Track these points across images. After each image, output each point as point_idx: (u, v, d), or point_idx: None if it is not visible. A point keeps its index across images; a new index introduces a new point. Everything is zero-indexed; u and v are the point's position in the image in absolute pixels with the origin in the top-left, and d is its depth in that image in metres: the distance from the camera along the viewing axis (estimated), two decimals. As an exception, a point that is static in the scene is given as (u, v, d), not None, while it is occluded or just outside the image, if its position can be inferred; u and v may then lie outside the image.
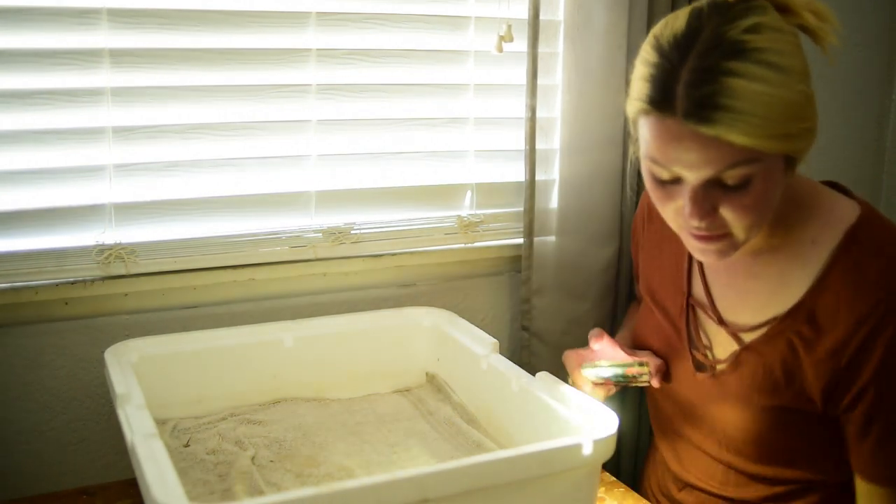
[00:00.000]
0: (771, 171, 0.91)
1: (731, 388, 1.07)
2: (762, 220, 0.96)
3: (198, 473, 1.02)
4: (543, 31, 1.37)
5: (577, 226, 1.45)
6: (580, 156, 1.43)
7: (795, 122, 0.89)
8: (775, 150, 0.89)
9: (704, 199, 0.92)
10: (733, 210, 0.92)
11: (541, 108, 1.40)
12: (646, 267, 1.23)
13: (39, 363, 1.20)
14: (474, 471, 0.85)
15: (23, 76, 1.13)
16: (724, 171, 0.89)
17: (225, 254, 1.27)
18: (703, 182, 0.91)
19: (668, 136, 0.90)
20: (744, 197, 0.91)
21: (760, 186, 0.91)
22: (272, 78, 1.27)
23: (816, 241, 1.01)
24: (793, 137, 0.90)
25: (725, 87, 0.85)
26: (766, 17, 0.90)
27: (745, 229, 0.95)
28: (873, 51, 1.80)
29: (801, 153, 0.94)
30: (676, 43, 0.90)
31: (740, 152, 0.88)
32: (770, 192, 0.93)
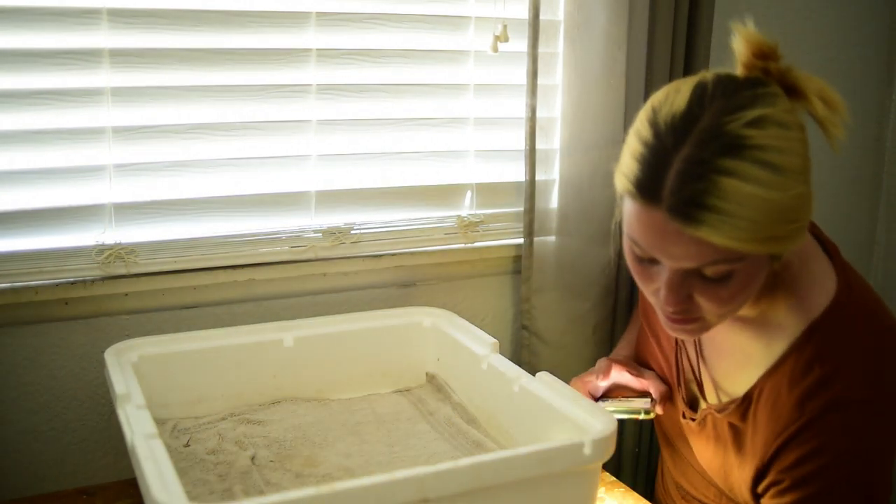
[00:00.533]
0: (754, 267, 0.88)
1: (703, 442, 1.08)
2: (738, 309, 0.93)
3: (198, 473, 1.02)
4: (543, 31, 1.37)
5: (578, 226, 1.45)
6: (580, 156, 1.43)
7: (785, 225, 0.85)
8: (760, 251, 0.86)
9: (681, 287, 0.88)
10: (709, 300, 0.89)
11: (541, 108, 1.40)
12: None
13: (39, 363, 1.20)
14: (474, 471, 0.85)
15: (23, 76, 1.13)
16: (703, 266, 0.86)
17: (225, 254, 1.27)
18: (681, 272, 0.88)
19: (651, 225, 0.86)
20: (721, 290, 0.88)
21: (741, 281, 0.88)
22: (272, 78, 1.27)
23: (783, 326, 0.98)
24: (780, 239, 0.86)
25: (716, 187, 0.81)
26: (774, 110, 0.85)
27: (718, 317, 0.92)
28: (873, 51, 1.80)
29: (788, 250, 0.90)
30: (674, 126, 0.84)
31: (723, 252, 0.84)
32: (750, 286, 0.90)
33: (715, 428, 1.06)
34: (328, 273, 1.36)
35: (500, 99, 1.44)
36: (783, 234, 0.85)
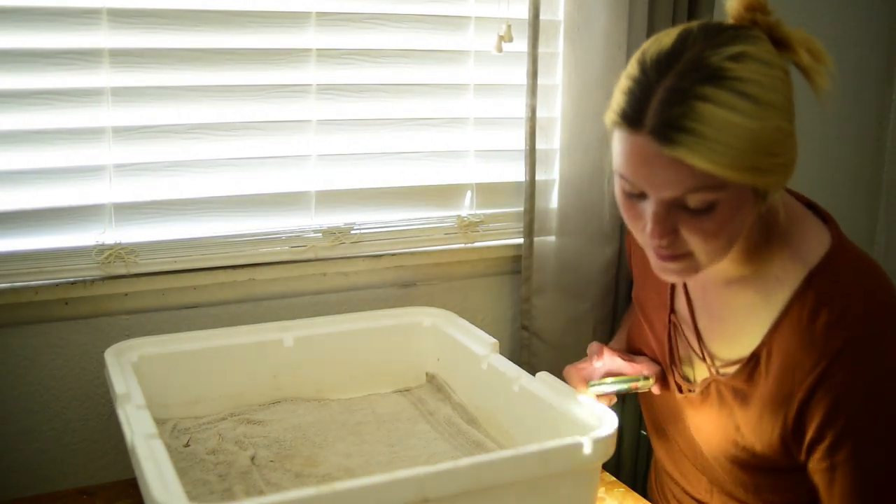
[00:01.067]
0: (737, 200, 0.89)
1: (704, 414, 1.07)
2: (726, 247, 0.94)
3: (198, 473, 1.02)
4: (543, 31, 1.37)
5: (577, 226, 1.45)
6: (580, 156, 1.43)
7: (766, 157, 0.86)
8: (740, 180, 0.87)
9: (666, 219, 0.90)
10: (694, 234, 0.91)
11: (541, 108, 1.40)
12: (637, 277, 1.23)
13: (39, 363, 1.20)
14: (474, 471, 0.85)
15: (23, 76, 1.13)
16: (685, 194, 0.88)
17: (225, 254, 1.27)
18: (665, 202, 0.89)
19: (635, 152, 0.89)
20: (706, 222, 0.89)
21: (724, 214, 0.89)
22: (272, 78, 1.27)
23: (780, 278, 1.00)
24: (762, 171, 0.87)
25: (694, 111, 0.83)
26: (755, 48, 0.88)
27: (706, 253, 0.93)
28: (873, 51, 1.80)
29: (771, 187, 0.91)
30: (658, 61, 0.89)
31: (703, 177, 0.86)
32: (735, 221, 0.91)
33: (719, 395, 1.05)
34: (328, 273, 1.36)
35: (500, 99, 1.44)
36: (764, 167, 0.87)
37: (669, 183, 0.87)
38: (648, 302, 1.17)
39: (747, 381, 1.02)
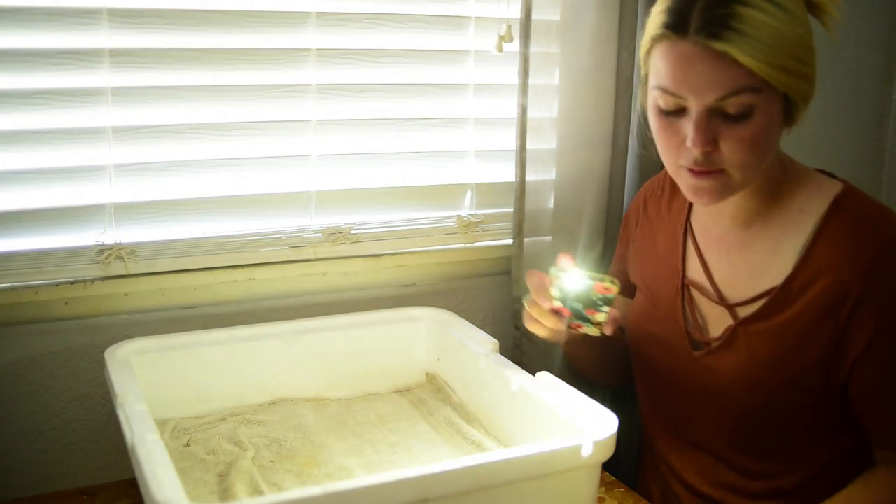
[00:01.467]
0: (770, 108, 0.97)
1: (726, 365, 1.08)
2: (758, 164, 1.00)
3: (198, 473, 1.02)
4: (535, 30, 1.38)
5: (570, 226, 1.45)
6: (571, 156, 1.43)
7: (794, 61, 0.95)
8: (775, 80, 0.94)
9: (707, 127, 0.96)
10: (732, 142, 0.97)
11: (535, 108, 1.40)
12: (638, 258, 1.25)
13: (39, 363, 1.20)
14: (474, 471, 0.85)
15: (23, 76, 1.13)
16: (727, 96, 0.95)
17: (225, 254, 1.27)
18: (706, 109, 0.96)
19: (680, 57, 0.96)
20: (743, 129, 0.96)
21: (760, 121, 0.96)
22: (272, 78, 1.27)
23: (804, 209, 1.06)
24: (791, 75, 0.95)
25: (736, 12, 0.93)
26: None
27: (740, 167, 0.99)
28: (873, 51, 1.80)
29: (798, 97, 0.98)
30: None
31: (744, 77, 0.94)
32: (768, 132, 0.98)
33: (746, 338, 1.06)
34: (328, 273, 1.36)
35: (499, 99, 1.44)
36: (793, 69, 0.95)
37: (714, 83, 0.95)
38: (656, 276, 1.19)
39: (780, 311, 1.04)
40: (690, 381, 1.12)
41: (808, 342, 1.03)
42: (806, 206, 1.06)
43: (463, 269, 1.47)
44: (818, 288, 1.02)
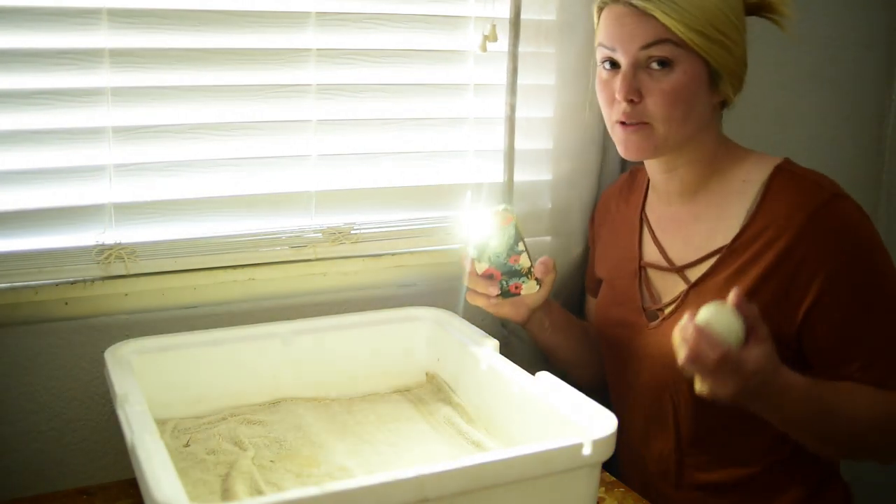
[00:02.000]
0: (692, 68, 1.09)
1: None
2: (679, 119, 1.10)
3: (198, 473, 1.02)
4: (528, 30, 1.38)
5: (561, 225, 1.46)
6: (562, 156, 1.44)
7: (710, 27, 1.07)
8: (689, 39, 1.07)
9: (632, 78, 1.09)
10: (655, 95, 1.09)
11: (530, 108, 1.41)
12: (602, 252, 1.34)
13: (39, 363, 1.20)
14: (474, 471, 0.85)
15: (23, 76, 1.13)
16: (648, 45, 1.08)
17: (225, 254, 1.27)
18: (633, 61, 1.09)
19: (613, 16, 1.11)
20: (664, 82, 1.08)
21: (680, 77, 1.08)
22: (272, 78, 1.27)
23: (747, 179, 1.15)
24: (707, 39, 1.07)
25: None
26: None
27: (661, 120, 1.10)
28: (873, 51, 1.80)
29: (718, 65, 1.09)
30: None
31: (663, 31, 1.07)
32: (689, 89, 1.09)
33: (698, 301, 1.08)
34: (328, 273, 1.36)
35: (500, 99, 1.44)
36: (708, 34, 1.07)
37: (637, 34, 1.08)
38: (617, 265, 1.28)
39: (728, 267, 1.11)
40: (649, 354, 1.17)
41: (755, 294, 1.08)
42: (749, 176, 1.15)
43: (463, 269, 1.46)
44: (763, 240, 1.10)
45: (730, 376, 0.96)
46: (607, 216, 1.36)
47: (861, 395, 1.08)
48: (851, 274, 1.08)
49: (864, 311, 1.09)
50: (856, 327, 1.09)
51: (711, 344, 0.94)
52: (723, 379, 0.97)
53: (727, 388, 0.97)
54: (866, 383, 1.09)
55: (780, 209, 1.10)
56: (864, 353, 1.09)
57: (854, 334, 1.09)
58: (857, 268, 1.09)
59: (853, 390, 1.08)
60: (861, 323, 1.09)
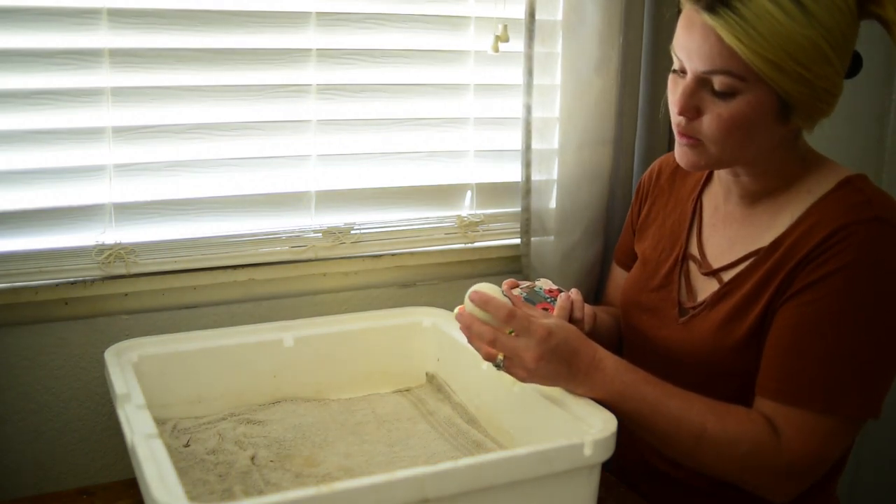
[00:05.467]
0: (758, 100, 0.97)
1: (708, 325, 1.09)
2: (734, 146, 1.01)
3: (198, 473, 1.02)
4: (540, 30, 1.38)
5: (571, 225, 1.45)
6: (573, 155, 1.43)
7: (789, 59, 0.94)
8: (761, 71, 0.94)
9: (693, 94, 1.00)
10: (711, 117, 1.00)
11: (538, 108, 1.40)
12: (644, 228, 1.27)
13: (39, 363, 1.20)
14: (474, 471, 0.85)
15: (23, 76, 1.13)
16: (710, 72, 0.97)
17: (225, 254, 1.27)
18: (696, 77, 0.99)
19: (686, 22, 1.00)
20: (723, 108, 0.98)
21: (741, 107, 0.98)
22: (272, 78, 1.27)
23: (812, 190, 1.06)
24: (783, 73, 0.94)
25: None
26: None
27: (714, 143, 1.01)
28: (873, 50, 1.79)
29: (793, 99, 0.97)
30: None
31: (728, 59, 0.95)
32: (750, 120, 0.99)
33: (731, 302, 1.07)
34: (328, 273, 1.36)
35: (500, 99, 1.44)
36: (785, 68, 0.94)
37: (701, 54, 0.97)
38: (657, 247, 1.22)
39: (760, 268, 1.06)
40: (672, 349, 1.14)
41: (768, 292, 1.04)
42: (814, 188, 1.06)
43: (463, 269, 1.47)
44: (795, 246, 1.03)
45: (524, 336, 0.97)
46: (657, 187, 1.27)
47: (702, 408, 1.00)
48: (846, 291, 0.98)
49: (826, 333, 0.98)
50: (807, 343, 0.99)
51: (497, 305, 0.97)
52: (519, 342, 0.97)
53: (529, 352, 0.96)
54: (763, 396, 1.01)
55: (820, 214, 1.02)
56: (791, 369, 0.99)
57: (800, 348, 0.99)
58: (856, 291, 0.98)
59: (694, 400, 1.01)
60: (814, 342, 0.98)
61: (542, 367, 0.98)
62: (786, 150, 1.06)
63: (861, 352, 0.98)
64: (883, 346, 0.99)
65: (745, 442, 0.99)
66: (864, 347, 0.98)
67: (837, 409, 0.97)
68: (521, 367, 0.99)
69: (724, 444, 0.99)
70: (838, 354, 0.98)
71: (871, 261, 0.98)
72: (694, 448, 1.00)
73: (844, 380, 0.97)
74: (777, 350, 1.01)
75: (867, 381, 0.98)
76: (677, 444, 1.01)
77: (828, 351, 0.98)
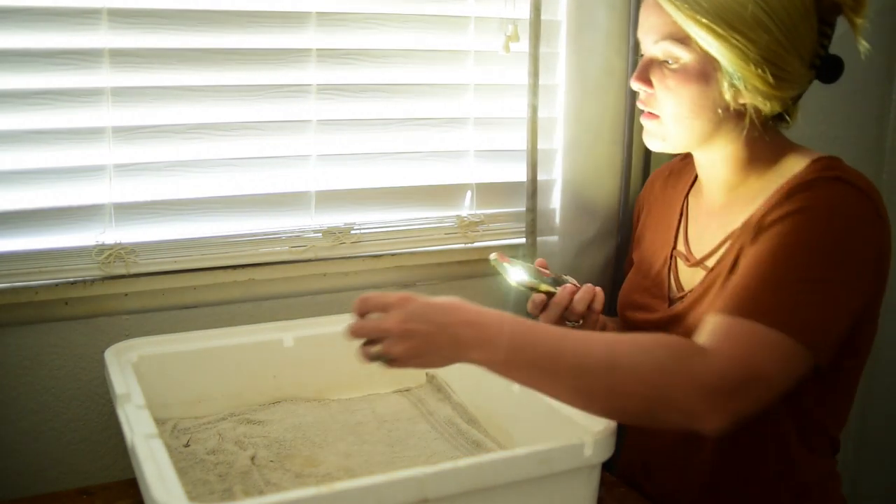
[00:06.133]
0: (701, 67, 1.04)
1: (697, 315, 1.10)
2: (686, 117, 1.07)
3: (198, 473, 1.02)
4: (545, 30, 1.38)
5: (577, 226, 1.45)
6: (580, 155, 1.43)
7: (724, 24, 1.00)
8: (697, 35, 1.01)
9: (646, 68, 1.08)
10: (662, 89, 1.07)
11: (542, 108, 1.40)
12: (641, 234, 1.31)
13: (39, 363, 1.20)
14: (474, 471, 0.85)
15: (23, 76, 1.13)
16: (658, 40, 1.05)
17: (225, 254, 1.27)
18: (649, 56, 1.08)
19: (643, 7, 1.09)
20: (671, 77, 1.06)
21: (687, 74, 1.05)
22: (272, 78, 1.27)
23: (784, 174, 1.08)
24: (718, 36, 1.00)
25: None
26: None
27: (669, 116, 1.08)
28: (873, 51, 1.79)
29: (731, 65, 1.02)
30: None
31: (672, 27, 1.03)
32: (695, 88, 1.05)
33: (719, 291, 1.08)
34: (328, 273, 1.36)
35: (500, 99, 1.44)
36: (721, 32, 1.00)
37: (650, 26, 1.07)
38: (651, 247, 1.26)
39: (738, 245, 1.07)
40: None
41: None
42: (786, 171, 1.08)
43: (463, 269, 1.47)
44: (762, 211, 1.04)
45: (385, 311, 0.92)
46: (653, 197, 1.32)
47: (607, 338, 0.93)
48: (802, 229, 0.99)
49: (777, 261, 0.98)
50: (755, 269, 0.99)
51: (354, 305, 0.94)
52: (381, 318, 0.91)
53: (391, 319, 0.90)
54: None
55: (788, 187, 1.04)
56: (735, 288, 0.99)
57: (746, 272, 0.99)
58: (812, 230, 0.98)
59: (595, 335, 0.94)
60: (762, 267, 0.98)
61: (413, 332, 0.89)
62: (756, 139, 1.09)
63: (808, 281, 0.96)
64: (831, 286, 0.97)
65: (660, 348, 0.91)
66: (811, 281, 0.96)
67: (772, 321, 0.93)
68: (393, 343, 0.90)
69: (639, 357, 0.90)
70: (783, 276, 0.96)
71: (828, 206, 0.99)
72: (607, 378, 0.89)
73: (782, 297, 0.95)
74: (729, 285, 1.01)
75: (811, 309, 0.95)
76: (588, 382, 0.90)
77: (775, 274, 0.97)
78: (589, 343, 0.91)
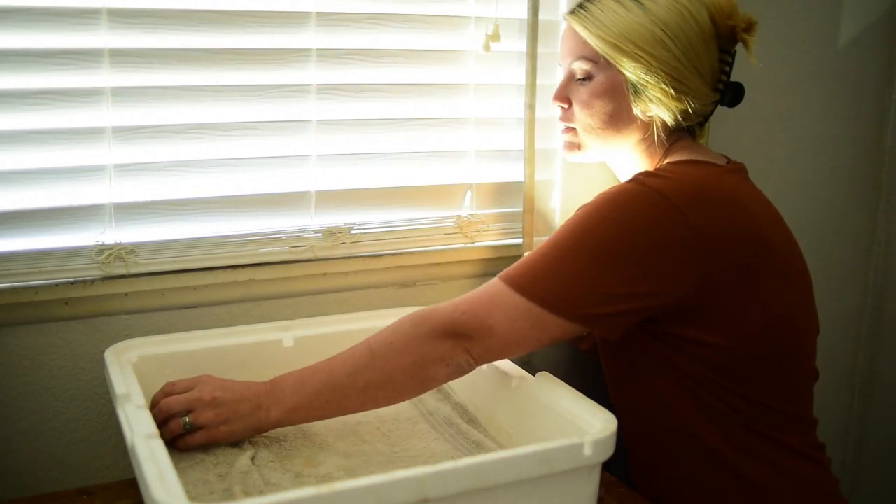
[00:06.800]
0: (609, 82, 1.18)
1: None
2: (597, 126, 1.20)
3: (198, 473, 1.02)
4: (543, 30, 1.38)
5: None
6: None
7: (627, 42, 1.14)
8: (604, 52, 1.16)
9: (564, 87, 1.23)
10: (577, 103, 1.21)
11: (540, 108, 1.40)
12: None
13: (39, 363, 1.20)
14: (474, 471, 0.85)
15: (23, 76, 1.13)
16: (573, 60, 1.20)
17: (225, 254, 1.27)
18: (569, 74, 1.22)
19: (563, 33, 1.24)
20: (583, 91, 1.20)
21: (597, 87, 1.18)
22: (272, 78, 1.27)
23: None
24: (622, 52, 1.15)
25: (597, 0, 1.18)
26: None
27: (583, 126, 1.22)
28: (873, 51, 1.80)
29: (636, 77, 1.15)
30: None
31: (584, 47, 1.18)
32: (605, 100, 1.18)
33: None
34: (328, 273, 1.36)
35: (500, 99, 1.44)
36: (626, 50, 1.15)
37: (566, 49, 1.22)
38: None
39: None
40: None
41: None
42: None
43: (463, 269, 1.47)
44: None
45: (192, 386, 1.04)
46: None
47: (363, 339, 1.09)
48: (571, 219, 1.11)
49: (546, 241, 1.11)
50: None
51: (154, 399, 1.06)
52: (192, 391, 1.04)
53: (205, 389, 1.04)
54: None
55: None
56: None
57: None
58: (576, 218, 1.10)
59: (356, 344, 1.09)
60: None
61: (227, 396, 1.03)
62: (654, 151, 1.21)
63: (560, 256, 1.06)
64: (585, 262, 1.05)
65: (405, 321, 1.06)
66: (563, 255, 1.06)
67: (514, 284, 1.05)
68: (206, 409, 1.03)
69: (390, 336, 1.05)
70: (544, 251, 1.08)
71: (605, 198, 1.10)
72: (374, 364, 1.04)
73: (534, 266, 1.07)
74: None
75: (557, 278, 1.05)
76: (365, 377, 1.04)
77: (539, 250, 1.09)
78: (352, 349, 1.07)
